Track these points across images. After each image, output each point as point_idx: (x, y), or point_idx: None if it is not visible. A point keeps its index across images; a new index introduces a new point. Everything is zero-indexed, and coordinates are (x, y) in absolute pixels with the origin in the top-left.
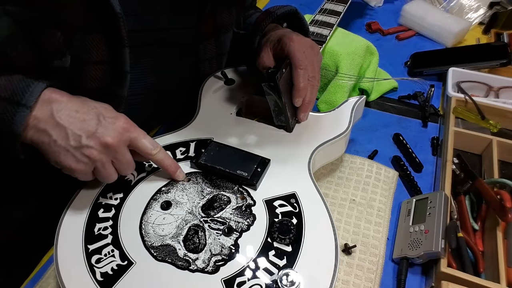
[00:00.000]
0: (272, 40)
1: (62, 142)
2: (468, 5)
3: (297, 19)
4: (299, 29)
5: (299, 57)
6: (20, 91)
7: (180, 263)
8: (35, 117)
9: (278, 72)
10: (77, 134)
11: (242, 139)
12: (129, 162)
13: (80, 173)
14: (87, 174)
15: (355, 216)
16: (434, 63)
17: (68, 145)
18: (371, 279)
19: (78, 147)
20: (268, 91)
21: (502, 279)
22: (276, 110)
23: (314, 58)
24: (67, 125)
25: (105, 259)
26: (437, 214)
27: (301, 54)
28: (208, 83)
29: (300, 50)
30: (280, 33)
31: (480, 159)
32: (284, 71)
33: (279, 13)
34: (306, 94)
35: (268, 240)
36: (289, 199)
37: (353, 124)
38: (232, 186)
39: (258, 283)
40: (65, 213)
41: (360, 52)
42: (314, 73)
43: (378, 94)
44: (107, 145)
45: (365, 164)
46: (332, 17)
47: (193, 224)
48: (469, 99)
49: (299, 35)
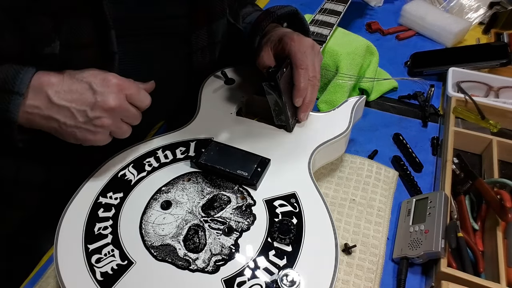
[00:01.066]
0: (273, 40)
1: (72, 122)
2: (468, 5)
3: (297, 20)
4: (300, 29)
5: (300, 57)
6: (11, 79)
7: (180, 263)
8: (34, 106)
9: (279, 72)
10: (81, 110)
11: (242, 139)
12: (135, 114)
13: (100, 141)
14: (107, 139)
15: (355, 216)
16: (434, 63)
17: (78, 123)
18: (371, 279)
19: (88, 121)
20: (268, 90)
21: (502, 279)
22: (277, 110)
23: (315, 58)
24: (69, 105)
25: (105, 258)
26: (437, 214)
27: (301, 54)
28: (208, 82)
29: (301, 50)
30: (280, 32)
31: (480, 159)
32: (284, 70)
33: (279, 14)
34: (307, 94)
35: (268, 240)
36: (289, 199)
37: (353, 124)
38: (232, 186)
39: (258, 283)
40: (65, 212)
41: (360, 52)
42: (315, 73)
43: (378, 94)
44: (112, 108)
45: (365, 164)
46: (332, 16)
47: (193, 223)
48: (469, 99)
49: (299, 35)
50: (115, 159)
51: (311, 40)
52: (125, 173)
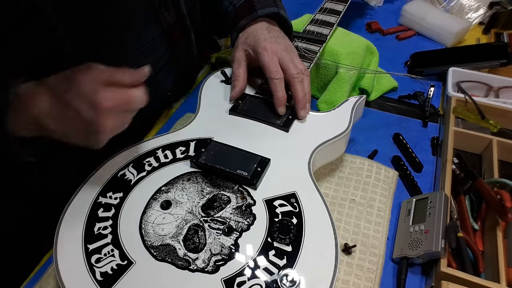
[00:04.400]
0: (248, 43)
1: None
2: (468, 5)
3: (278, 19)
4: (282, 27)
5: (272, 68)
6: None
7: (180, 263)
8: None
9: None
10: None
11: (242, 138)
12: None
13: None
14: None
15: (355, 216)
16: (434, 63)
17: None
18: (371, 279)
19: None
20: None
21: (502, 279)
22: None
23: (293, 55)
24: (64, 125)
25: (105, 258)
26: (437, 214)
27: (274, 63)
28: (207, 82)
29: (273, 59)
30: (256, 36)
31: (480, 159)
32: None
33: (261, 14)
34: (297, 91)
35: (268, 240)
36: (289, 198)
37: (353, 124)
38: (232, 186)
39: (258, 283)
40: (65, 212)
41: (360, 52)
42: (297, 69)
43: (378, 94)
44: (106, 108)
45: (365, 164)
46: (332, 16)
47: (193, 223)
48: (469, 99)
49: (272, 40)
50: (115, 159)
51: (285, 43)
52: (125, 173)
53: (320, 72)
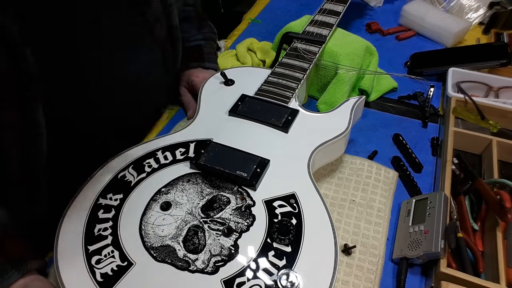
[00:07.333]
0: (186, 80)
1: None
2: (468, 5)
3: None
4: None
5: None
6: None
7: (179, 264)
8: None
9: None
10: None
11: (241, 139)
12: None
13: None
14: None
15: (355, 217)
16: (434, 63)
17: None
18: (371, 279)
19: None
20: None
21: (502, 279)
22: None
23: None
24: None
25: (105, 260)
26: (437, 215)
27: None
28: (208, 83)
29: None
30: (189, 72)
31: (480, 159)
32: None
33: (206, 67)
34: None
35: (267, 241)
36: (289, 199)
37: (352, 124)
38: (231, 187)
39: (258, 283)
40: (65, 214)
41: (360, 53)
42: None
43: (378, 95)
44: None
45: (365, 165)
46: (331, 17)
47: (193, 224)
48: (469, 99)
49: (201, 70)
50: (115, 161)
51: (209, 72)
52: (125, 174)
53: (319, 73)
